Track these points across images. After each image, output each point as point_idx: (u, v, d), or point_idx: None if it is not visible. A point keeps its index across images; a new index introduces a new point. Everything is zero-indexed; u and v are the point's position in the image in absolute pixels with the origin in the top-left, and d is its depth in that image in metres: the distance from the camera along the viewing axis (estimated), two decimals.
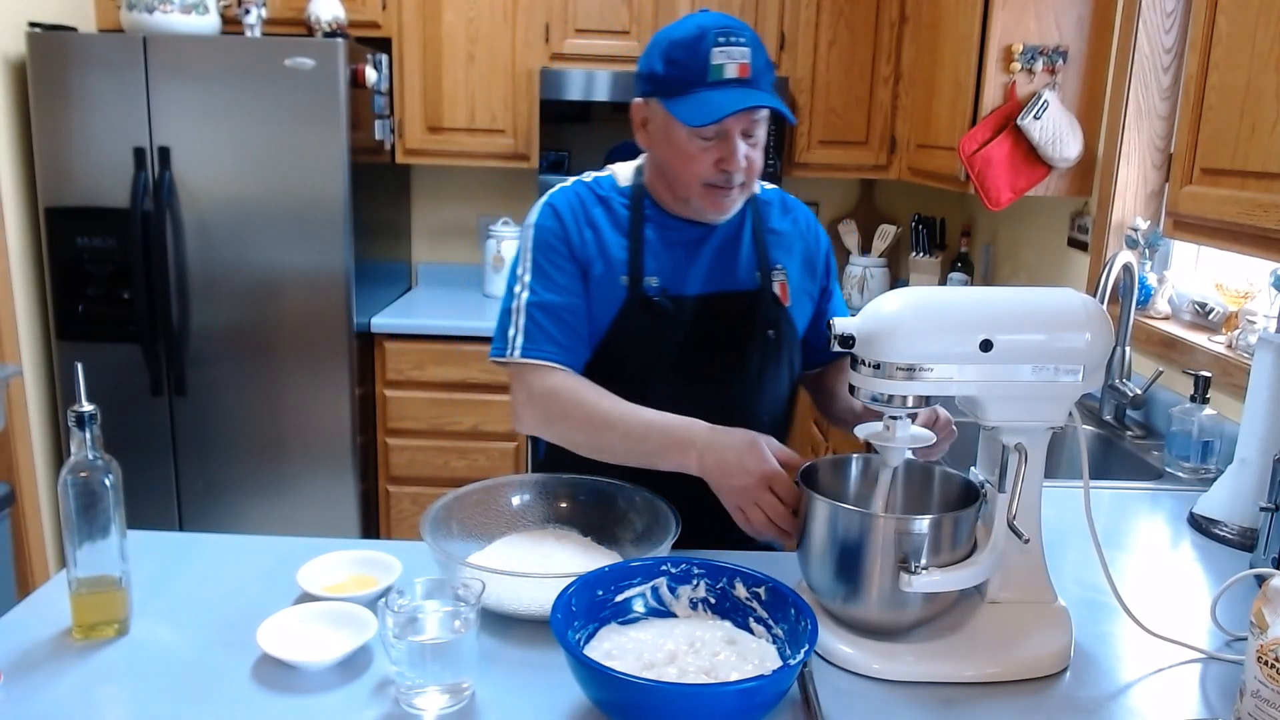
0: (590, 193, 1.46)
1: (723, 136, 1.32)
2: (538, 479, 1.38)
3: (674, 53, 1.31)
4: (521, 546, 1.29)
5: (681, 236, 1.44)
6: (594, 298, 1.42)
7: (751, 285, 1.46)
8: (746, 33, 1.32)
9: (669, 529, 1.23)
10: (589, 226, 1.43)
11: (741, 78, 1.30)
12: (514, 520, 1.35)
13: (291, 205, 2.81)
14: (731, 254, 1.46)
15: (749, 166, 1.36)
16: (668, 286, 1.42)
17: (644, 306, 1.41)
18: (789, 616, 1.06)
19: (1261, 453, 1.52)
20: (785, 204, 1.55)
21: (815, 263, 1.54)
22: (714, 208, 1.39)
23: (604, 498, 1.36)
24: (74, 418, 1.06)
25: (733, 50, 1.30)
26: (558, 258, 1.40)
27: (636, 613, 1.12)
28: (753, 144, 1.36)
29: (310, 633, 1.09)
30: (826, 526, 1.11)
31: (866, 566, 1.08)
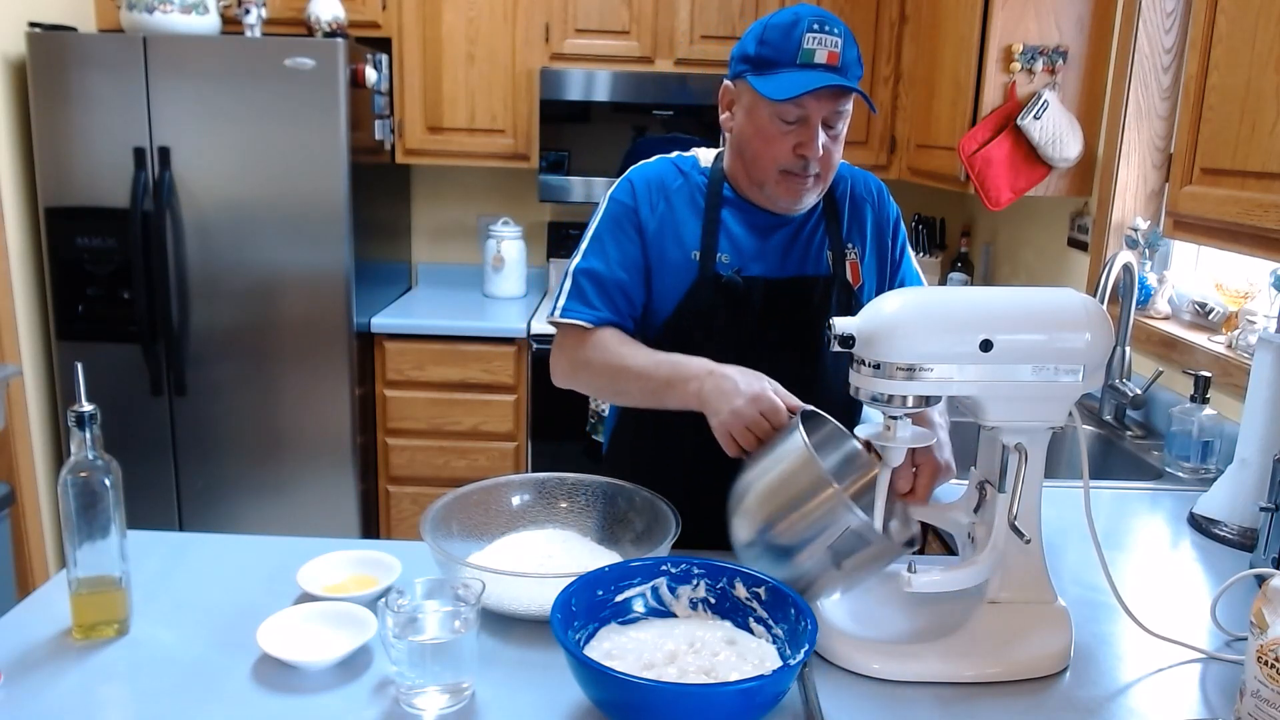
0: (674, 169, 1.49)
1: (804, 122, 1.34)
2: (538, 479, 1.38)
3: (768, 34, 1.34)
4: (521, 546, 1.29)
5: (759, 218, 1.45)
6: (664, 273, 1.44)
7: (823, 270, 1.46)
8: (841, 27, 1.34)
9: (669, 529, 1.23)
10: (664, 201, 1.46)
11: (830, 64, 1.32)
12: (514, 520, 1.35)
13: (291, 205, 2.81)
14: (806, 238, 1.46)
15: (826, 157, 1.36)
16: (741, 267, 1.43)
17: (714, 284, 1.42)
18: (789, 616, 1.06)
19: (1261, 453, 1.52)
20: (855, 179, 1.53)
21: (886, 236, 1.53)
22: (789, 195, 1.40)
23: (604, 498, 1.36)
24: (74, 418, 1.06)
25: (825, 38, 1.32)
26: (619, 232, 1.44)
27: (636, 613, 1.12)
28: (834, 135, 1.37)
29: (310, 633, 1.09)
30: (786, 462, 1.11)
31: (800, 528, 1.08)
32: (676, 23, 3.19)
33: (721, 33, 3.20)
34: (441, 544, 1.19)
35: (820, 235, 1.47)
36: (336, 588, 1.21)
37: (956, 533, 1.22)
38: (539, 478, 1.38)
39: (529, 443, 3.16)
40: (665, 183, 1.47)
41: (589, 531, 1.34)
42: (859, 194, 1.52)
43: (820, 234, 1.47)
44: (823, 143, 1.35)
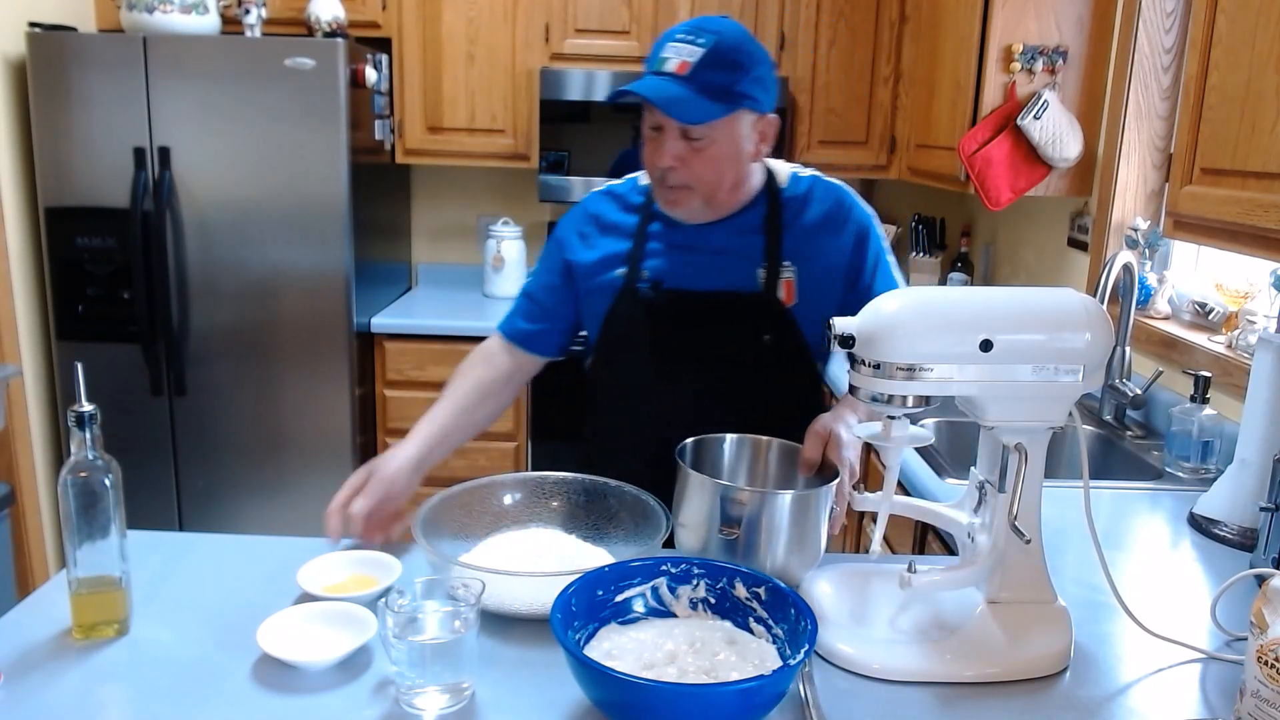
0: (610, 194, 1.53)
1: (660, 130, 1.34)
2: (528, 477, 1.38)
3: (656, 42, 1.36)
4: (512, 545, 1.29)
5: (689, 233, 1.45)
6: (591, 291, 1.49)
7: (751, 286, 1.44)
8: (714, 37, 1.30)
9: (659, 527, 1.23)
10: (594, 225, 1.51)
11: (676, 73, 1.30)
12: (505, 519, 1.35)
13: (291, 205, 2.81)
14: (737, 252, 1.44)
15: (687, 168, 1.34)
16: (663, 280, 1.44)
17: (633, 299, 1.45)
18: (789, 616, 1.06)
19: (1261, 453, 1.52)
20: (813, 193, 1.47)
21: (842, 251, 1.45)
22: (665, 203, 1.41)
23: (595, 496, 1.36)
24: (74, 418, 1.06)
25: (684, 47, 1.30)
26: (548, 258, 1.56)
27: (636, 613, 1.12)
28: (697, 147, 1.33)
29: (310, 633, 1.09)
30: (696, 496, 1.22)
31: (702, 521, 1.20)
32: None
33: None
34: (433, 544, 1.19)
35: (754, 251, 1.44)
36: (336, 588, 1.21)
37: (956, 533, 1.22)
38: (529, 476, 1.38)
39: (529, 443, 3.16)
40: (597, 205, 1.52)
41: (579, 530, 1.34)
42: (810, 210, 1.46)
43: (754, 249, 1.44)
44: (680, 154, 1.33)
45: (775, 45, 3.22)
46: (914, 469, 1.82)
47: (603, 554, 1.28)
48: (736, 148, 1.36)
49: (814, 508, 1.20)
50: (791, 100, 3.25)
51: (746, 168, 1.41)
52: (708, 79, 1.29)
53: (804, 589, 1.21)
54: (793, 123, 3.28)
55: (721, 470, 1.36)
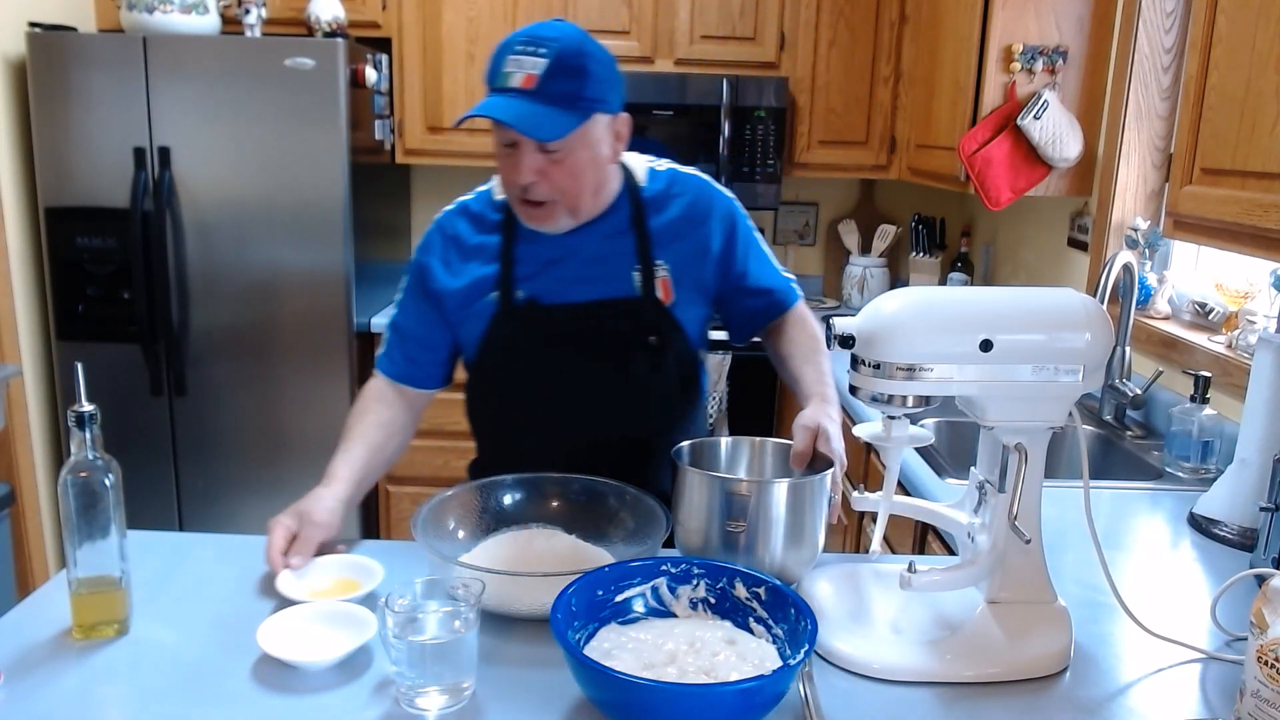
0: (465, 213, 1.48)
1: (515, 146, 1.30)
2: (529, 478, 1.38)
3: (492, 55, 1.31)
4: (512, 546, 1.29)
5: (556, 245, 1.41)
6: (463, 316, 1.45)
7: (630, 291, 1.42)
8: (555, 45, 1.26)
9: (660, 527, 1.23)
10: (455, 249, 1.46)
11: (523, 87, 1.26)
12: (504, 519, 1.34)
13: (291, 205, 2.81)
14: (609, 259, 1.42)
15: (548, 181, 1.31)
16: (539, 296, 1.41)
17: (510, 319, 1.41)
18: (789, 616, 1.06)
19: (1261, 453, 1.52)
20: (673, 187, 1.47)
21: (709, 239, 1.45)
22: (527, 219, 1.38)
23: (595, 496, 1.36)
24: (74, 418, 1.06)
25: (525, 60, 1.26)
26: (413, 289, 1.50)
27: (636, 613, 1.12)
28: (556, 159, 1.30)
29: (310, 632, 1.09)
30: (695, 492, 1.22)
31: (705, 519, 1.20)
32: (676, 23, 3.19)
33: (721, 33, 3.20)
34: (434, 544, 1.19)
35: (625, 254, 1.42)
36: (321, 594, 1.19)
37: (956, 533, 1.22)
38: (529, 476, 1.38)
39: None
40: (457, 229, 1.47)
41: (579, 530, 1.34)
42: (672, 204, 1.45)
43: (625, 253, 1.42)
44: (539, 168, 1.30)
45: (775, 45, 3.22)
46: (914, 469, 1.82)
47: (603, 554, 1.28)
48: (594, 153, 1.33)
49: (814, 496, 1.20)
50: (791, 100, 3.25)
51: (606, 171, 1.39)
52: (556, 89, 1.26)
53: (804, 589, 1.21)
54: (793, 123, 3.28)
55: (719, 470, 1.36)
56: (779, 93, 3.16)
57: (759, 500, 1.17)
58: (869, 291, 3.48)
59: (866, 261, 3.53)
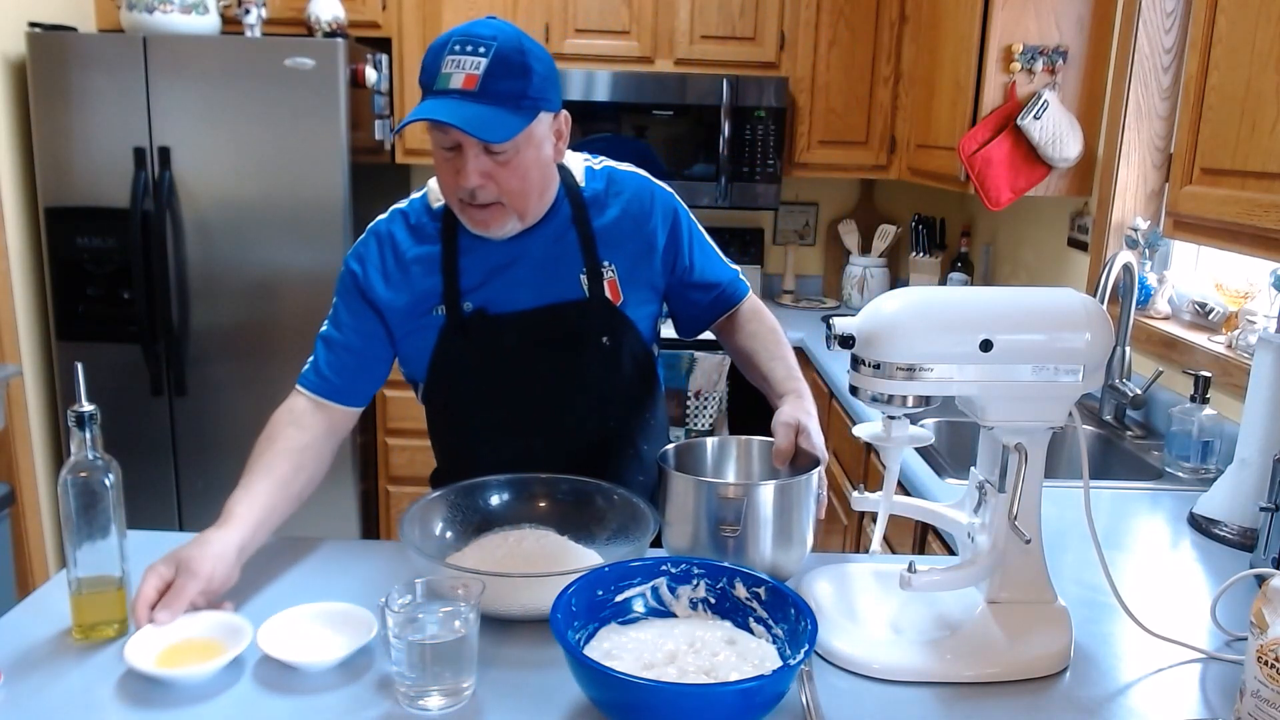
0: (403, 222, 1.42)
1: (457, 149, 1.26)
2: (516, 478, 1.37)
3: (426, 58, 1.27)
4: (502, 546, 1.29)
5: (499, 253, 1.38)
6: (410, 333, 1.40)
7: (578, 294, 1.39)
8: (495, 44, 1.22)
9: (647, 528, 1.23)
10: (393, 260, 1.40)
11: (465, 89, 1.22)
12: (493, 520, 1.34)
13: (291, 205, 2.81)
14: (555, 262, 1.39)
15: (496, 183, 1.27)
16: (486, 306, 1.38)
17: (459, 332, 1.38)
18: (789, 616, 1.06)
19: (1261, 453, 1.52)
20: (612, 186, 1.44)
21: (653, 236, 1.43)
22: (472, 224, 1.33)
23: (582, 496, 1.35)
24: (74, 418, 1.06)
25: (465, 60, 1.22)
26: (351, 300, 1.42)
27: (636, 613, 1.12)
28: (502, 160, 1.26)
29: (310, 633, 1.09)
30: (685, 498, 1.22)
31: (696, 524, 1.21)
32: (676, 23, 3.19)
33: (721, 33, 3.20)
34: (421, 545, 1.18)
35: (571, 257, 1.40)
36: (172, 654, 1.06)
37: (956, 533, 1.22)
38: (516, 477, 1.37)
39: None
40: (395, 241, 1.41)
41: (567, 530, 1.33)
42: (611, 203, 1.43)
43: (571, 255, 1.40)
44: (485, 170, 1.26)
45: (775, 45, 3.22)
46: (914, 469, 1.82)
47: (592, 554, 1.28)
48: (539, 153, 1.30)
49: (802, 494, 1.21)
50: (791, 100, 3.25)
51: (551, 171, 1.36)
52: (499, 89, 1.22)
53: (804, 589, 1.21)
54: (793, 123, 3.28)
55: (705, 473, 1.36)
56: (779, 93, 3.16)
57: (748, 502, 1.18)
58: (869, 291, 3.48)
59: (866, 261, 3.53)
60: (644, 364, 1.49)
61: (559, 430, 1.43)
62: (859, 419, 2.27)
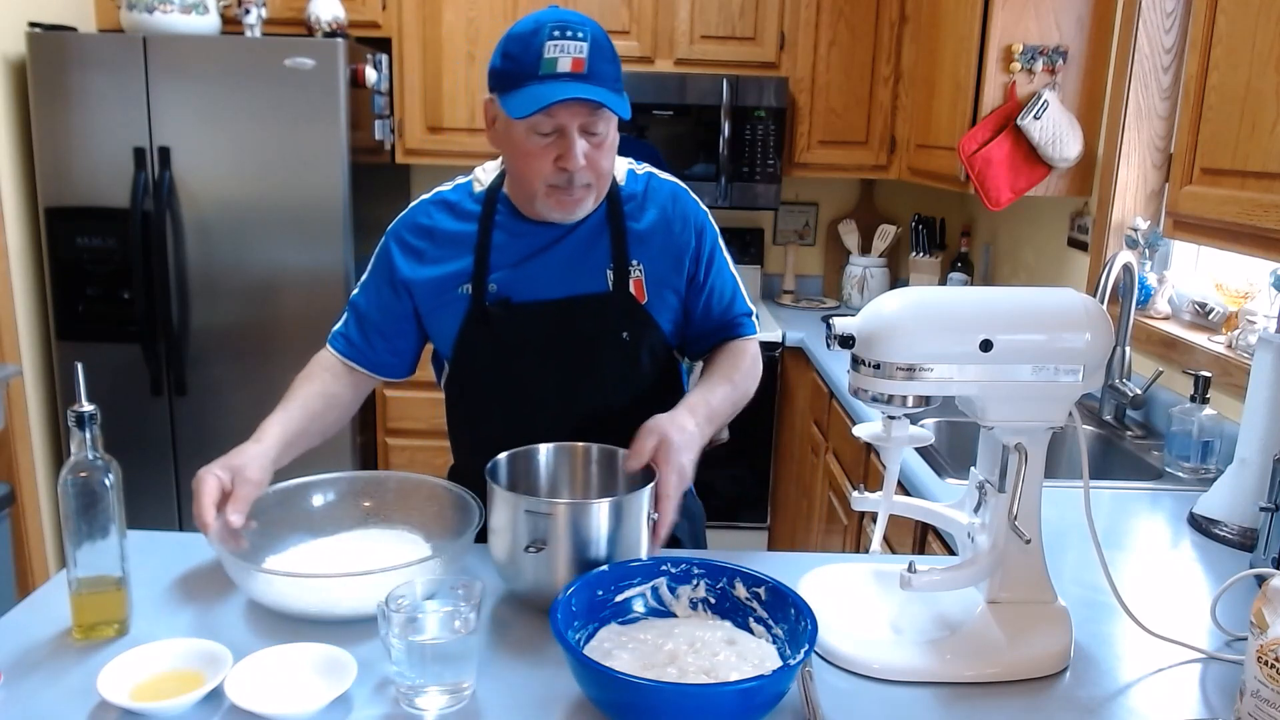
0: (444, 202, 1.46)
1: (560, 133, 1.28)
2: (341, 477, 1.38)
3: (510, 46, 1.28)
4: (331, 547, 1.29)
5: (533, 240, 1.40)
6: (436, 309, 1.44)
7: (603, 287, 1.41)
8: (588, 29, 1.27)
9: (471, 520, 1.23)
10: (432, 240, 1.44)
11: (575, 72, 1.25)
12: (315, 520, 1.34)
13: (291, 205, 2.81)
14: (585, 255, 1.41)
15: (592, 166, 1.31)
16: (512, 294, 1.39)
17: (482, 317, 1.40)
18: (789, 617, 1.06)
19: (1261, 453, 1.52)
20: (650, 191, 1.46)
21: (683, 248, 1.44)
22: (560, 208, 1.35)
23: (407, 493, 1.37)
24: (74, 418, 1.06)
25: (568, 45, 1.25)
26: (380, 276, 1.47)
27: (636, 613, 1.12)
28: (596, 143, 1.31)
29: (286, 678, 1.01)
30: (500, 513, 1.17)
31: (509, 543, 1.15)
32: (676, 23, 3.19)
33: (721, 33, 3.20)
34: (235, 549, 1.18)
35: (600, 252, 1.41)
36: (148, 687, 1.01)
37: (956, 533, 1.22)
38: (341, 476, 1.38)
39: None
40: (433, 220, 1.45)
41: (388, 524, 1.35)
42: (648, 207, 1.44)
43: (600, 251, 1.41)
44: (585, 151, 1.29)
45: (775, 45, 3.22)
46: (914, 469, 1.82)
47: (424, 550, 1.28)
48: (616, 138, 1.35)
49: (626, 516, 1.15)
50: (791, 100, 3.25)
51: None
52: (603, 71, 1.27)
53: (804, 589, 1.21)
54: (793, 123, 3.28)
55: (539, 482, 1.32)
56: (779, 93, 3.16)
57: (562, 521, 1.12)
58: (869, 291, 3.48)
59: (866, 261, 3.53)
60: (665, 364, 1.49)
61: (573, 423, 1.41)
62: (859, 419, 2.27)
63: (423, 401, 3.10)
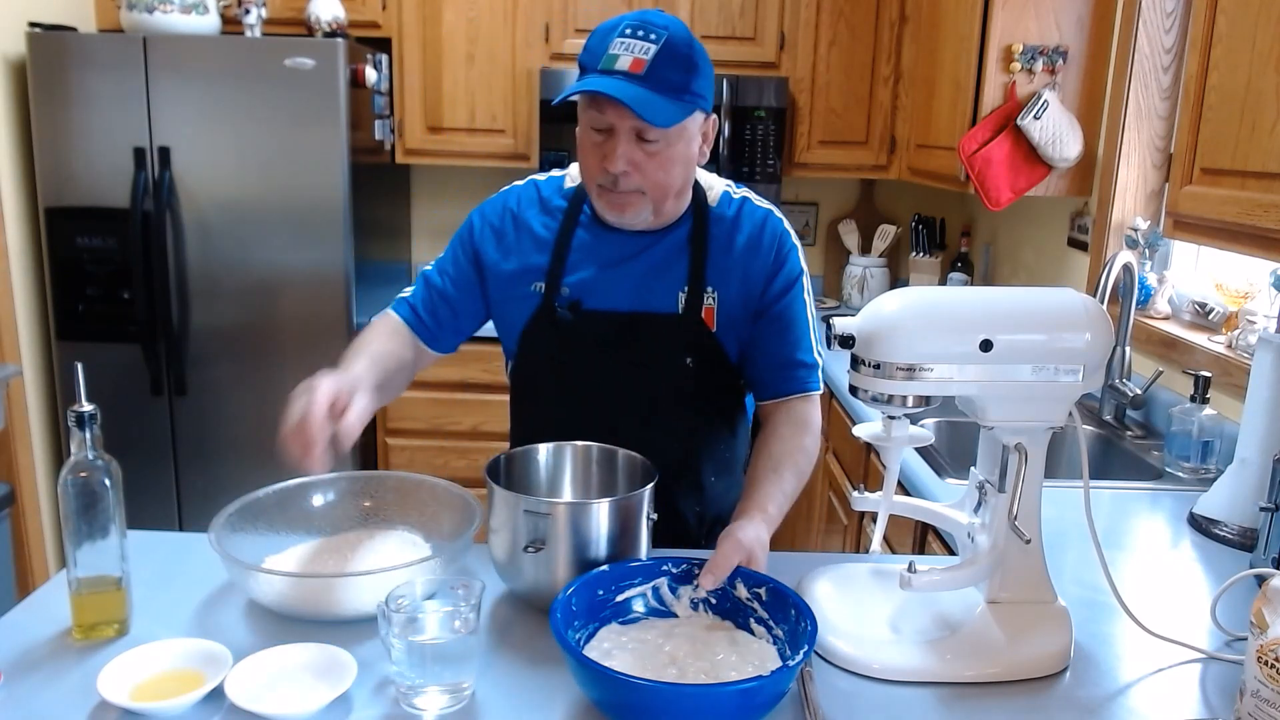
0: (535, 194, 1.44)
1: (610, 133, 1.26)
2: (340, 477, 1.38)
3: (592, 38, 1.27)
4: (331, 547, 1.29)
5: (613, 248, 1.38)
6: (509, 305, 1.42)
7: (673, 307, 1.37)
8: (667, 32, 1.23)
9: (471, 519, 1.23)
10: (516, 229, 1.42)
11: (632, 71, 1.21)
12: (321, 520, 1.35)
13: (291, 205, 2.81)
14: (662, 272, 1.37)
15: (640, 171, 1.27)
16: (583, 299, 1.37)
17: (550, 318, 1.38)
18: (789, 617, 1.06)
19: (1261, 453, 1.52)
20: (743, 216, 1.41)
21: (761, 278, 1.38)
22: (610, 209, 1.32)
23: (406, 492, 1.37)
24: (74, 418, 1.06)
25: (635, 44, 1.22)
26: (461, 252, 1.45)
27: (637, 613, 1.12)
28: (652, 150, 1.26)
29: (285, 678, 1.01)
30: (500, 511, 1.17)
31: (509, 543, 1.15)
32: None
33: (722, 32, 3.20)
34: (233, 549, 1.19)
35: (678, 271, 1.37)
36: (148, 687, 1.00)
37: (956, 533, 1.22)
38: (340, 476, 1.38)
39: None
40: (522, 209, 1.43)
41: (394, 526, 1.35)
42: (736, 234, 1.39)
43: (679, 270, 1.37)
44: (634, 158, 1.25)
45: (775, 45, 3.22)
46: (914, 469, 1.82)
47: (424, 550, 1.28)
48: (688, 150, 1.30)
49: (629, 518, 1.15)
50: (791, 100, 3.25)
51: (693, 171, 1.35)
52: (665, 77, 1.23)
53: (804, 589, 1.21)
54: (793, 123, 3.28)
55: (539, 482, 1.32)
56: (779, 93, 3.16)
57: (562, 521, 1.12)
58: (869, 291, 3.48)
59: (866, 261, 3.53)
60: (728, 394, 1.45)
61: (624, 435, 1.33)
62: (859, 419, 2.27)
63: (423, 401, 3.10)
